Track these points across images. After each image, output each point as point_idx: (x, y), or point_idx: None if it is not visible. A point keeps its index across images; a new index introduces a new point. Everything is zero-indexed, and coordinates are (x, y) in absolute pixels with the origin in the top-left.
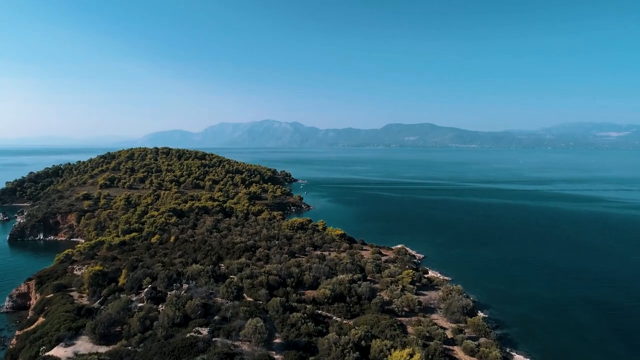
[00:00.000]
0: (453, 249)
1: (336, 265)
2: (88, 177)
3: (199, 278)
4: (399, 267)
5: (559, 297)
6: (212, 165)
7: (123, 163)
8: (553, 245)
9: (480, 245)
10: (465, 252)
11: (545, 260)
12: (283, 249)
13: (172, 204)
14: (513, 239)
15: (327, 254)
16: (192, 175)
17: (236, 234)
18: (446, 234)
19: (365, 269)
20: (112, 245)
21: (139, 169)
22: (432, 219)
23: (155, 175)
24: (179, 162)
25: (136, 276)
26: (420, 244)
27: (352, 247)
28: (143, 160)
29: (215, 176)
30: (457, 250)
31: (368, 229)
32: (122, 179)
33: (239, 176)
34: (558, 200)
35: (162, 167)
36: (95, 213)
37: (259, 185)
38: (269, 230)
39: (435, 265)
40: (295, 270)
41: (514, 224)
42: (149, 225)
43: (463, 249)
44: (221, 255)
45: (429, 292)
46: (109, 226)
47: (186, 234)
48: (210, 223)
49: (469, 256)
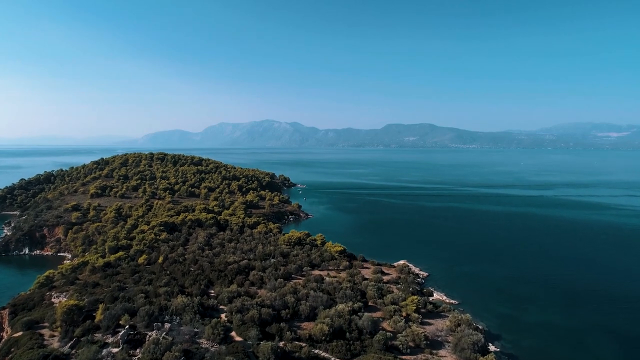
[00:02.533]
0: (457, 265)
1: (335, 290)
2: (80, 185)
3: (183, 314)
4: (403, 289)
5: (575, 325)
6: (209, 172)
7: (116, 170)
8: (562, 260)
9: (485, 260)
10: (470, 269)
11: (556, 278)
12: (279, 269)
13: (164, 216)
14: (519, 252)
15: (325, 274)
16: (187, 182)
17: (230, 251)
18: (449, 247)
19: (367, 294)
20: (95, 267)
21: (132, 176)
22: (435, 229)
23: (149, 184)
24: (174, 168)
25: (114, 313)
26: (423, 260)
27: (352, 265)
28: (137, 167)
29: (211, 183)
30: (461, 267)
31: (368, 242)
32: (115, 187)
33: (236, 183)
34: (564, 208)
35: (157, 174)
36: (83, 226)
37: (256, 193)
38: (265, 246)
39: (440, 284)
40: (290, 300)
41: (519, 235)
42: (137, 242)
43: (467, 265)
44: (212, 279)
45: (435, 320)
46: (97, 241)
47: (176, 253)
48: (203, 239)
49: (474, 273)
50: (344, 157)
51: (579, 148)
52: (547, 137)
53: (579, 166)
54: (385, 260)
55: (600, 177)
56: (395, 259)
